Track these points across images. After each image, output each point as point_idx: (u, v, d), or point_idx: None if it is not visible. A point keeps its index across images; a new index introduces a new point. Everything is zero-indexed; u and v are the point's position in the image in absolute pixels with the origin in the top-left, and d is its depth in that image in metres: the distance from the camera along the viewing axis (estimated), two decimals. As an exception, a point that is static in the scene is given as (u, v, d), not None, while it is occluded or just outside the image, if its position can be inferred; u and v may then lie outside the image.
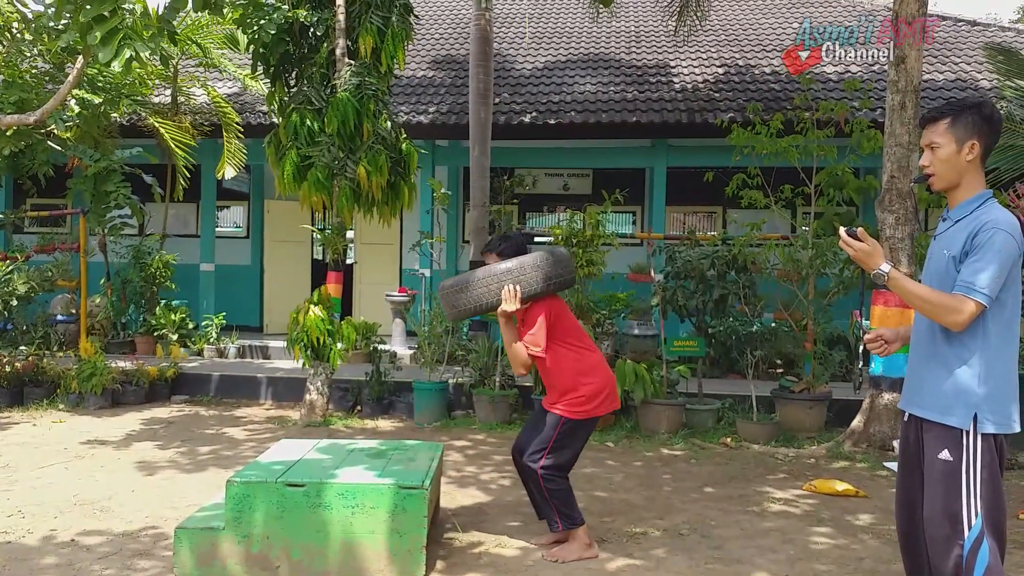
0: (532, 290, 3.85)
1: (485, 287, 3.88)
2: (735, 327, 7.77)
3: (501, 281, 3.84)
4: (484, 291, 3.88)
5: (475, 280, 3.92)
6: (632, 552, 3.96)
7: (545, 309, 3.89)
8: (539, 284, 3.85)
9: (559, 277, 3.92)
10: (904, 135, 6.30)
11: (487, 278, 3.89)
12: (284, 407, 8.05)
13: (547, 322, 3.86)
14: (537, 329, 3.84)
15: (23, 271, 9.89)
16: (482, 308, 3.94)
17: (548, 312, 3.89)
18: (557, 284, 3.93)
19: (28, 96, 8.25)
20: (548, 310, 3.89)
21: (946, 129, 2.61)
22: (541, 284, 3.86)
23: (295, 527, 3.50)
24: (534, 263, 3.88)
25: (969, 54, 11.90)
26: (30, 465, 5.49)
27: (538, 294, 3.87)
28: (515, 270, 3.85)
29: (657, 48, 12.93)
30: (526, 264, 3.87)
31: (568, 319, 4.01)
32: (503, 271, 3.86)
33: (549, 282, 3.88)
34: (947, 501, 2.52)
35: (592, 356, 3.97)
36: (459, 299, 3.94)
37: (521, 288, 3.82)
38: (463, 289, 3.93)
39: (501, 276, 3.85)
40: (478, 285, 3.89)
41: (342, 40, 7.06)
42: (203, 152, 11.00)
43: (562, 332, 3.93)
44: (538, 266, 3.87)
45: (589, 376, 3.88)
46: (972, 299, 2.47)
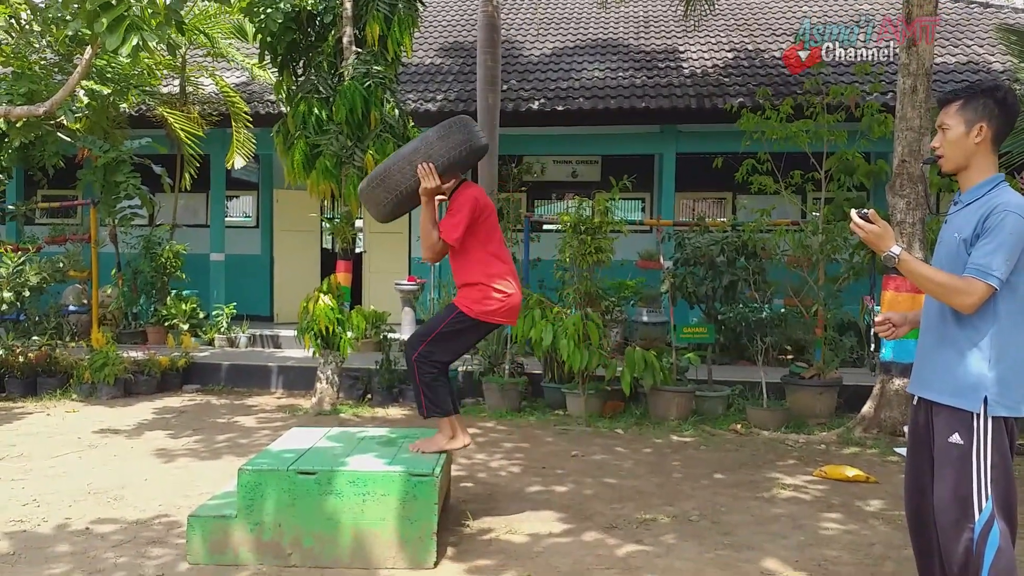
0: (443, 160, 3.81)
1: (399, 172, 3.85)
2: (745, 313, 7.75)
3: (412, 161, 3.80)
4: (400, 177, 3.85)
5: (388, 169, 3.88)
6: (642, 538, 3.96)
7: (472, 202, 3.87)
8: (451, 152, 3.81)
9: (468, 142, 3.87)
10: (915, 119, 6.25)
11: (399, 163, 3.86)
12: (295, 396, 8.09)
13: (471, 216, 3.85)
14: (456, 220, 3.83)
15: (35, 262, 9.94)
16: (403, 194, 3.89)
17: (474, 206, 3.87)
18: (468, 149, 3.88)
19: (37, 87, 8.27)
20: (475, 204, 3.87)
21: (957, 111, 2.61)
22: (453, 151, 3.81)
23: (306, 515, 3.52)
24: (437, 134, 3.84)
25: (981, 36, 11.78)
26: (44, 455, 5.54)
27: (451, 163, 3.83)
28: (421, 148, 3.82)
29: (666, 33, 12.84)
30: (430, 137, 3.83)
31: (492, 223, 3.99)
32: (410, 151, 3.84)
33: (460, 148, 3.83)
34: (957, 485, 2.52)
35: (505, 266, 3.96)
36: (379, 194, 3.92)
37: (433, 162, 3.78)
38: (380, 182, 3.90)
39: (410, 156, 3.82)
40: (393, 173, 3.86)
41: (349, 28, 7.05)
42: (212, 142, 11.02)
43: (483, 233, 3.92)
44: (443, 136, 3.83)
45: (497, 281, 3.88)
46: (983, 281, 2.46)
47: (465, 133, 3.88)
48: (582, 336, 6.71)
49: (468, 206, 3.86)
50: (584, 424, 6.72)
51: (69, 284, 10.55)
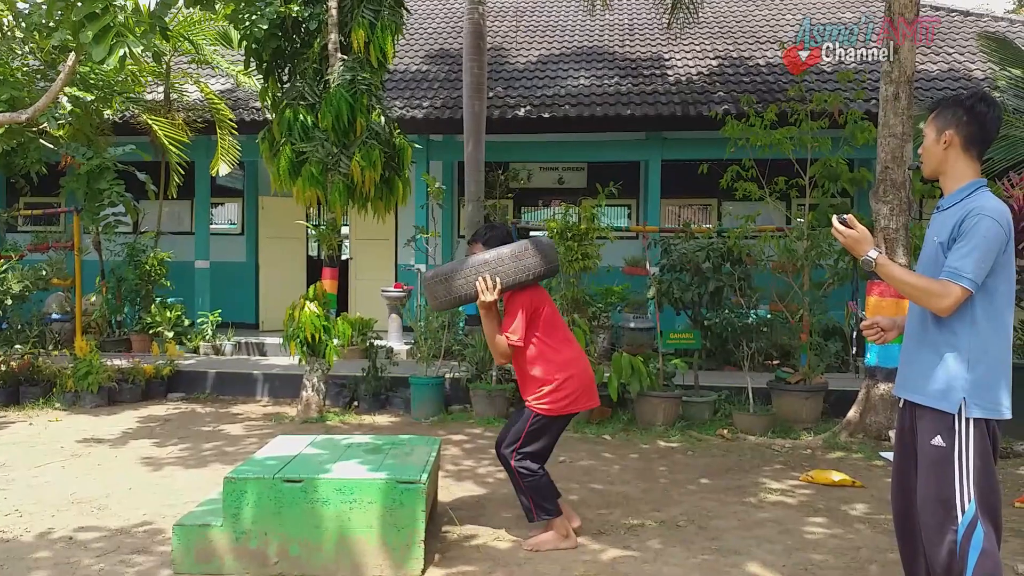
0: (510, 281, 3.84)
1: (464, 278, 3.87)
2: (731, 319, 7.80)
3: (479, 272, 3.83)
4: (463, 282, 3.87)
5: (455, 271, 3.91)
6: (629, 544, 3.97)
7: (525, 299, 3.89)
8: (517, 275, 3.84)
9: (539, 267, 3.89)
10: (898, 126, 6.31)
11: (466, 269, 3.88)
12: (281, 403, 8.04)
13: (526, 313, 3.87)
14: (514, 318, 3.85)
15: (17, 270, 9.87)
16: (461, 299, 3.92)
17: (528, 302, 3.89)
18: (537, 274, 3.90)
19: (20, 94, 8.22)
20: (528, 300, 3.90)
21: (932, 119, 2.74)
22: (519, 275, 3.85)
23: (292, 523, 3.50)
24: (512, 253, 3.86)
25: (962, 44, 11.92)
26: (27, 464, 5.48)
27: (517, 284, 3.86)
28: (492, 261, 3.84)
29: (651, 41, 12.91)
30: (504, 255, 3.86)
31: (548, 311, 3.99)
32: (481, 262, 3.86)
33: (528, 272, 3.86)
34: (940, 487, 2.54)
35: (569, 350, 3.95)
36: (439, 290, 3.94)
37: (500, 279, 3.80)
38: (444, 280, 3.93)
39: (479, 267, 3.84)
40: (457, 276, 3.89)
41: (334, 35, 7.04)
42: (196, 149, 10.97)
43: (542, 324, 3.93)
44: (517, 256, 3.85)
45: (564, 371, 3.87)
46: (957, 284, 2.51)
47: (540, 259, 3.89)
48: (569, 342, 6.70)
49: (520, 306, 3.88)
50: (571, 430, 6.71)
51: (52, 292, 10.48)
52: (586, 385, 3.95)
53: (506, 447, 3.90)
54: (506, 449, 3.89)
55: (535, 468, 3.87)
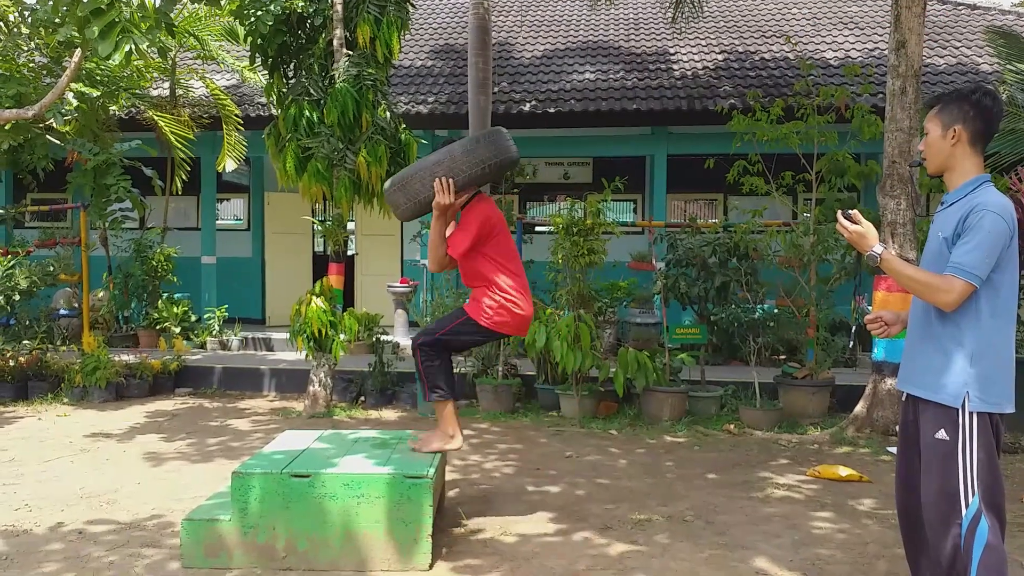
0: (464, 176, 3.77)
1: (419, 181, 3.82)
2: (737, 314, 7.79)
3: (434, 173, 3.77)
4: (419, 186, 3.83)
5: (410, 176, 3.86)
6: (636, 539, 3.97)
7: (481, 218, 3.86)
8: (472, 169, 3.76)
9: (494, 158, 3.81)
10: (905, 120, 6.28)
11: (420, 171, 3.82)
12: (288, 399, 8.07)
13: (479, 231, 3.83)
14: (464, 235, 3.83)
15: (25, 266, 9.90)
16: (421, 203, 3.88)
17: (484, 222, 3.86)
18: (493, 166, 3.83)
19: (26, 90, 8.23)
20: (485, 220, 3.86)
21: (935, 115, 2.70)
22: (475, 168, 3.76)
23: (300, 517, 3.51)
24: (463, 148, 3.78)
25: (969, 38, 11.86)
26: (36, 459, 5.51)
27: (472, 179, 3.81)
28: (445, 160, 3.77)
29: (656, 35, 12.88)
30: (455, 151, 3.78)
31: (503, 237, 3.96)
32: (433, 163, 3.79)
33: (483, 165, 3.78)
34: (944, 480, 2.55)
35: (517, 280, 3.94)
36: (398, 197, 3.91)
37: (454, 177, 3.75)
38: (401, 187, 3.88)
39: (432, 168, 3.78)
40: (413, 180, 3.84)
41: (340, 30, 7.03)
42: (202, 145, 10.99)
43: (492, 247, 3.90)
44: (468, 150, 3.78)
45: (508, 294, 3.87)
46: (961, 279, 2.51)
47: (491, 148, 3.82)
48: (575, 337, 6.72)
49: (477, 222, 3.85)
50: (578, 425, 6.72)
51: (60, 288, 10.51)
52: (526, 317, 3.97)
53: (422, 335, 3.93)
54: (421, 337, 3.91)
55: (437, 355, 3.88)
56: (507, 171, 4.12)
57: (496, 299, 3.88)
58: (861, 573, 3.57)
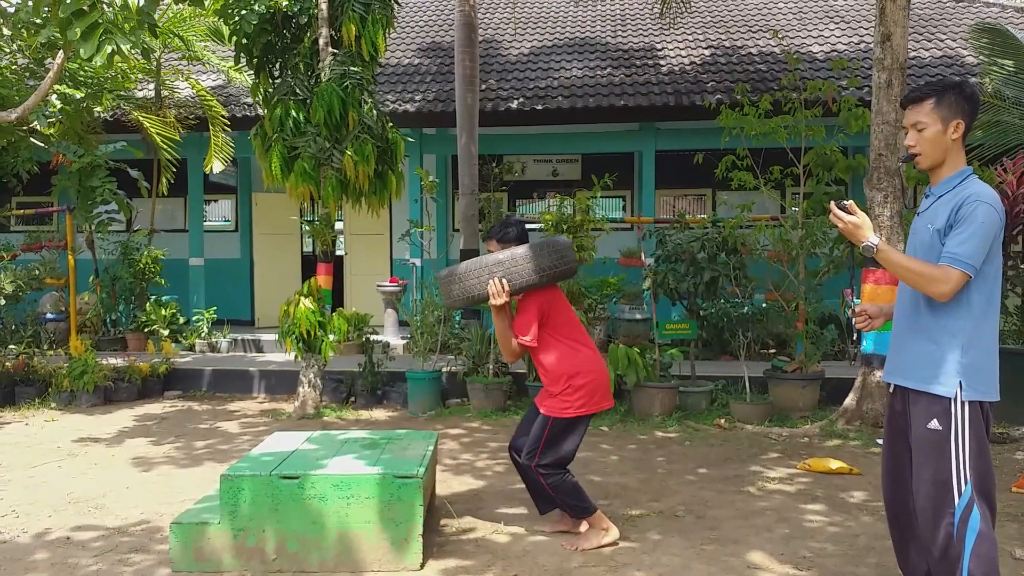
0: (522, 282, 3.77)
1: (476, 278, 3.81)
2: (727, 309, 7.79)
3: (492, 273, 3.77)
4: (475, 282, 3.82)
5: (467, 271, 3.85)
6: (628, 534, 3.97)
7: (539, 299, 3.83)
8: (530, 276, 3.76)
9: (553, 269, 3.81)
10: (891, 113, 6.30)
11: (478, 269, 3.82)
12: (277, 400, 8.03)
13: (539, 312, 3.80)
14: (527, 318, 3.80)
15: (10, 270, 9.82)
16: (473, 299, 3.87)
17: (541, 302, 3.83)
18: (551, 276, 3.83)
19: (9, 92, 8.16)
20: (541, 300, 3.83)
21: (931, 109, 2.66)
22: (533, 276, 3.77)
23: (290, 519, 3.49)
24: (526, 255, 3.79)
25: (955, 31, 11.90)
26: (23, 464, 5.46)
27: (529, 286, 3.80)
28: (506, 262, 3.77)
29: (643, 31, 12.88)
30: (518, 256, 3.78)
31: (563, 311, 3.92)
32: (494, 263, 3.79)
33: (542, 274, 3.78)
34: (937, 470, 2.56)
35: (584, 352, 3.86)
36: (452, 289, 3.89)
37: (511, 280, 3.75)
38: (457, 280, 3.87)
39: (492, 268, 3.78)
40: (469, 276, 3.83)
41: (325, 29, 7.00)
42: (188, 146, 10.92)
43: (555, 324, 3.85)
44: (530, 258, 3.78)
45: (579, 374, 3.79)
46: (957, 269, 2.52)
47: (555, 259, 3.81)
48: (565, 334, 6.69)
49: (535, 302, 3.82)
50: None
51: (46, 292, 10.43)
52: (603, 385, 3.87)
53: (526, 455, 3.81)
54: (527, 457, 3.81)
55: (561, 471, 3.78)
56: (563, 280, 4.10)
57: (564, 388, 3.78)
58: (852, 565, 3.57)
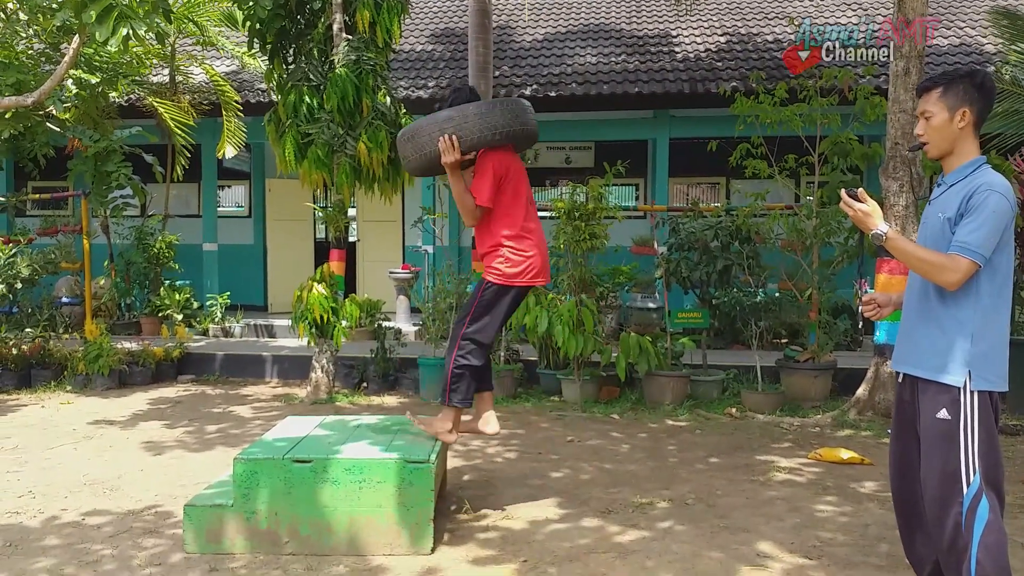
0: (473, 139, 3.71)
1: (428, 135, 3.76)
2: (739, 298, 7.77)
3: (443, 129, 3.71)
4: (427, 139, 3.78)
5: (419, 128, 3.81)
6: (638, 522, 3.97)
7: (494, 162, 3.79)
8: (483, 132, 3.70)
9: (507, 127, 3.75)
10: (908, 101, 6.24)
11: (429, 126, 3.77)
12: (290, 385, 8.08)
13: (495, 176, 3.77)
14: (482, 181, 3.77)
15: (26, 254, 9.90)
16: (426, 158, 3.82)
17: (497, 166, 3.79)
18: (504, 134, 3.76)
19: (25, 77, 8.19)
20: (498, 164, 3.79)
21: (938, 98, 2.66)
22: (485, 133, 3.70)
23: (303, 503, 3.51)
24: (478, 111, 3.72)
25: (973, 18, 11.75)
26: (39, 446, 5.52)
27: (481, 143, 3.74)
28: (456, 118, 3.71)
29: (658, 17, 12.79)
30: (468, 112, 3.72)
31: (519, 183, 3.88)
32: (444, 119, 3.74)
33: (495, 131, 3.72)
34: (945, 460, 2.56)
35: (529, 225, 3.85)
36: (407, 149, 3.87)
37: (462, 137, 3.69)
38: (410, 139, 3.85)
39: (442, 124, 3.73)
40: (421, 133, 3.79)
41: (339, 15, 6.99)
42: (202, 131, 10.96)
43: (508, 191, 3.82)
44: (482, 114, 3.71)
45: (520, 243, 3.79)
46: (966, 258, 2.51)
47: (507, 116, 3.75)
48: (577, 322, 6.71)
49: (490, 167, 3.78)
50: (580, 410, 6.73)
51: (62, 276, 10.51)
52: (542, 262, 3.89)
53: (457, 322, 3.91)
54: (456, 325, 3.88)
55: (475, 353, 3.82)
56: (523, 144, 4.02)
57: (503, 251, 3.80)
58: (862, 555, 3.57)
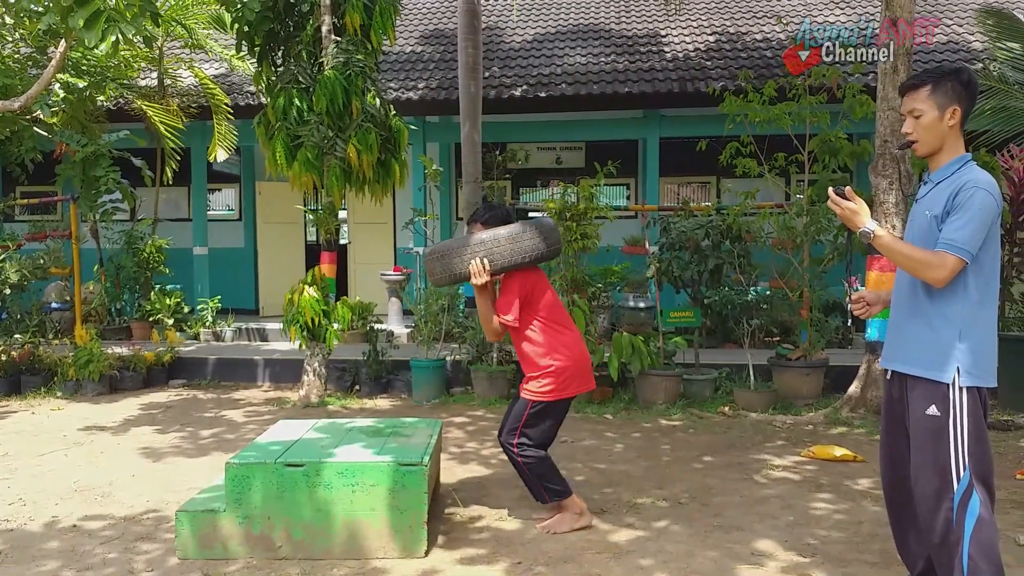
0: (503, 263, 3.78)
1: (459, 257, 3.82)
2: (731, 297, 7.77)
3: (474, 253, 3.78)
4: (458, 261, 3.83)
5: (450, 250, 3.86)
6: (632, 522, 3.98)
7: (521, 279, 3.83)
8: (513, 257, 3.77)
9: (537, 250, 3.82)
10: (897, 99, 6.24)
11: (461, 248, 3.83)
12: (282, 388, 8.05)
13: (521, 292, 3.81)
14: (509, 298, 3.80)
15: (15, 259, 9.84)
16: (457, 277, 3.88)
17: (523, 283, 3.83)
18: (535, 257, 3.83)
19: (12, 82, 8.16)
20: (523, 280, 3.83)
21: (928, 96, 2.67)
22: (516, 257, 3.78)
23: (296, 507, 3.50)
24: (509, 235, 3.79)
25: (961, 16, 11.82)
26: (30, 453, 5.49)
27: (511, 267, 3.80)
28: (488, 242, 3.78)
29: (647, 17, 12.81)
30: (500, 236, 3.79)
31: (546, 293, 3.91)
32: (477, 242, 3.80)
33: (526, 255, 3.79)
34: (935, 456, 2.57)
35: (566, 335, 3.88)
36: (436, 267, 3.91)
37: (493, 261, 3.75)
38: (440, 258, 3.89)
39: (475, 248, 3.79)
40: (453, 255, 3.84)
41: (328, 17, 6.97)
42: (192, 134, 10.92)
43: (537, 306, 3.86)
44: (513, 238, 3.78)
45: (559, 354, 3.80)
46: (954, 255, 2.53)
47: (538, 240, 3.81)
48: (569, 322, 6.70)
49: (517, 282, 3.82)
50: (573, 410, 6.72)
51: (51, 281, 10.45)
52: (583, 368, 3.89)
53: (506, 435, 3.86)
54: (506, 438, 3.85)
55: (538, 455, 3.82)
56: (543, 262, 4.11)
57: (543, 368, 3.80)
58: (856, 552, 3.58)
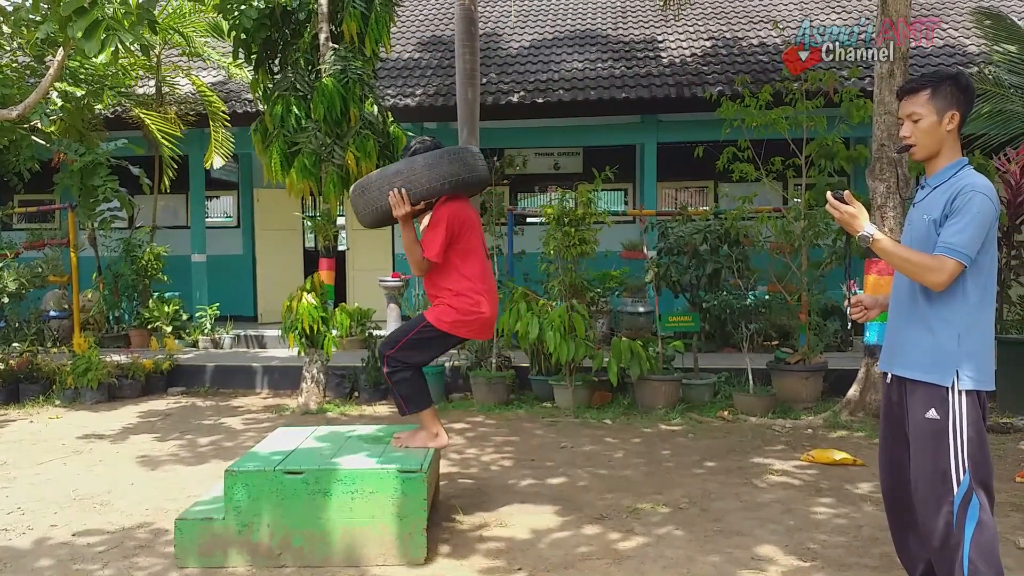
0: (422, 190, 3.73)
1: (378, 189, 3.78)
2: (729, 301, 7.77)
3: (392, 183, 3.73)
4: (377, 194, 3.79)
5: (369, 183, 3.83)
6: (632, 527, 3.97)
7: (448, 215, 3.80)
8: (432, 183, 3.72)
9: (455, 176, 3.76)
10: (893, 103, 6.24)
11: (379, 180, 3.79)
12: (281, 395, 8.04)
13: (449, 231, 3.78)
14: (434, 235, 3.78)
15: (13, 268, 9.83)
16: (378, 211, 3.84)
17: (451, 220, 3.80)
18: (453, 183, 3.78)
19: (10, 91, 8.15)
20: (452, 218, 3.80)
21: (927, 100, 2.66)
22: (435, 183, 3.72)
23: (295, 515, 3.49)
24: (426, 163, 3.74)
25: (956, 20, 11.85)
26: (28, 462, 5.47)
27: (431, 194, 3.76)
28: (404, 172, 3.74)
29: (644, 23, 12.84)
30: (417, 163, 3.74)
31: (471, 237, 3.89)
32: (393, 172, 3.77)
33: (443, 180, 3.74)
34: (935, 459, 2.57)
35: (479, 283, 3.87)
36: (359, 203, 3.89)
37: (411, 189, 3.71)
38: (360, 194, 3.86)
39: (391, 178, 3.75)
40: (372, 188, 3.80)
41: (325, 24, 6.98)
42: (190, 142, 10.92)
43: (461, 248, 3.84)
44: (430, 165, 3.73)
45: (468, 299, 3.81)
46: (952, 259, 2.53)
47: (457, 165, 3.77)
48: (568, 328, 6.71)
49: (444, 221, 3.79)
50: (572, 415, 6.72)
51: (49, 289, 10.44)
52: (486, 320, 3.92)
53: (384, 343, 3.92)
54: (383, 346, 3.91)
55: (405, 376, 3.85)
56: (475, 189, 4.06)
57: (451, 302, 3.84)
58: (857, 556, 3.57)
